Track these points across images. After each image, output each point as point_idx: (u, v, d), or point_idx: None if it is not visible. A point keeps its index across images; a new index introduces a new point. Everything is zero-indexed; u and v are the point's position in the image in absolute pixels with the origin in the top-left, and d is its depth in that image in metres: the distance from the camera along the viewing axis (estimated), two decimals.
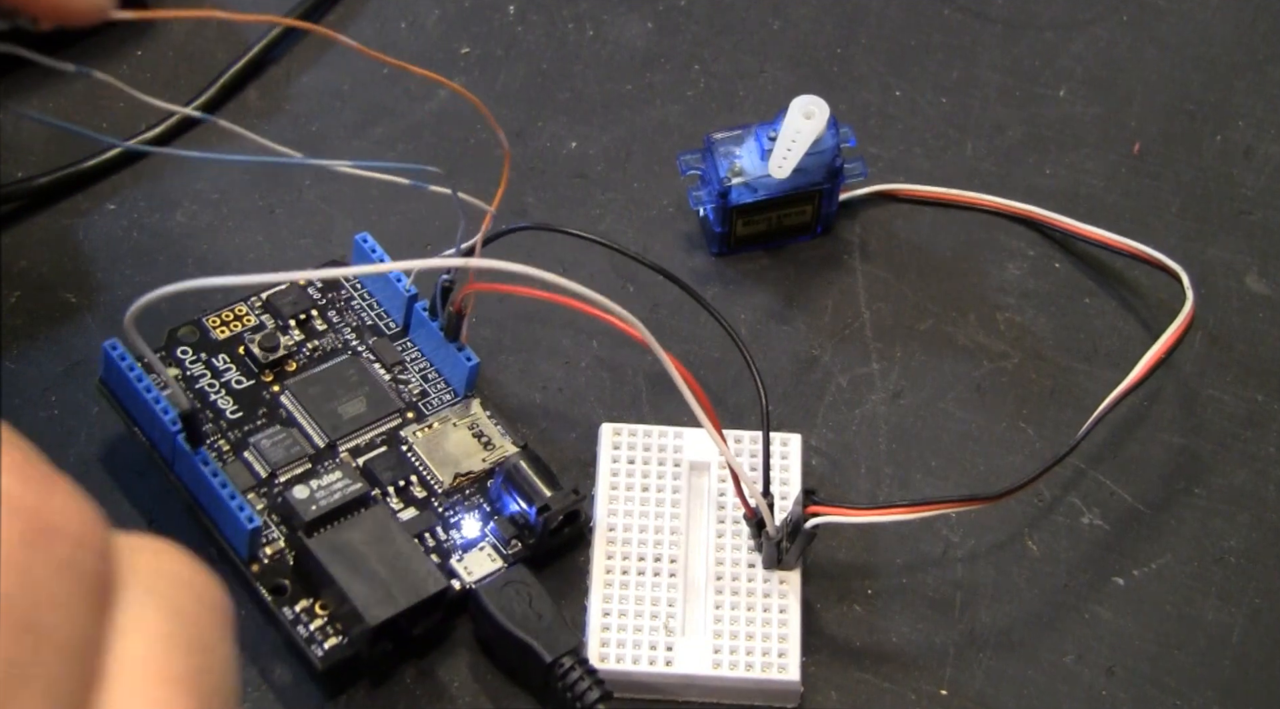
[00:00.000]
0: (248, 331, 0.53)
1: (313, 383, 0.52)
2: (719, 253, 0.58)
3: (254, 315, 0.53)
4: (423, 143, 0.60)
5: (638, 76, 0.63)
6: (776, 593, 0.50)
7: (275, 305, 0.53)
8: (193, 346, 0.52)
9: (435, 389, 0.53)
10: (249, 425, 0.51)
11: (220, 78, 0.61)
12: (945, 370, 0.56)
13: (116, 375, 0.50)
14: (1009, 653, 0.51)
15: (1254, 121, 0.63)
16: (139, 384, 0.49)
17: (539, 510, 0.49)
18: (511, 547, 0.50)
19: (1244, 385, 0.57)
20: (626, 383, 0.55)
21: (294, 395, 0.52)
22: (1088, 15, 0.66)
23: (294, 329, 0.53)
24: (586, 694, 0.47)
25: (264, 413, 0.51)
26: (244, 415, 0.51)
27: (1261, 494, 0.54)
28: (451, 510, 0.50)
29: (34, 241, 0.57)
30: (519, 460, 0.50)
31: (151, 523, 0.51)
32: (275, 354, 0.52)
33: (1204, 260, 0.59)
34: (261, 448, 0.50)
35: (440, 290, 0.52)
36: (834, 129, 0.56)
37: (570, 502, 0.50)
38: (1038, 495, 0.54)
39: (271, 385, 0.52)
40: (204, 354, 0.52)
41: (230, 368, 0.52)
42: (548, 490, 0.49)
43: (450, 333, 0.52)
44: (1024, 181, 0.61)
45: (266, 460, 0.50)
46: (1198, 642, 0.51)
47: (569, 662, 0.47)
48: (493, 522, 0.50)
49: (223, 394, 0.51)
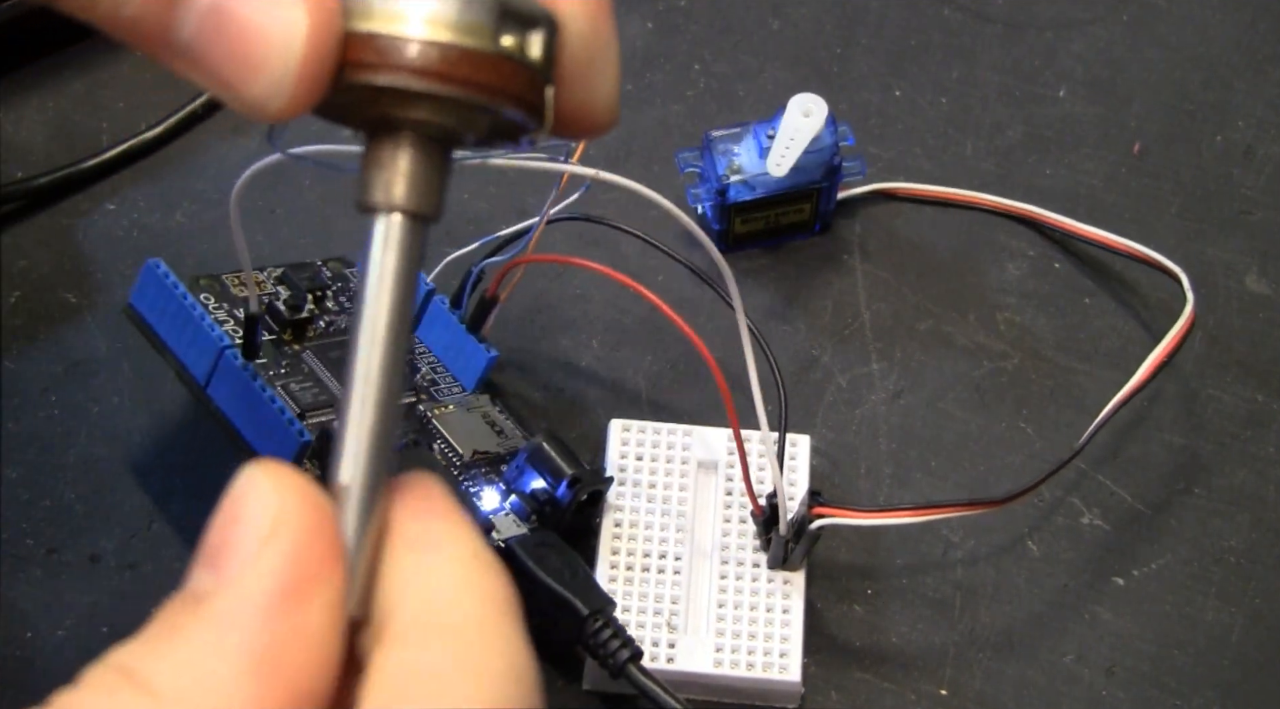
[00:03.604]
0: (268, 294, 0.52)
1: (333, 348, 0.52)
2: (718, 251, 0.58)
3: (269, 284, 0.53)
4: None
5: (638, 76, 0.63)
6: (780, 593, 0.50)
7: (291, 279, 0.53)
8: (216, 295, 0.51)
9: (445, 379, 0.53)
10: (271, 372, 0.50)
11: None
12: (945, 370, 0.56)
13: (155, 294, 0.49)
14: (1009, 653, 0.51)
15: (1254, 121, 0.63)
16: (184, 301, 0.48)
17: (570, 482, 0.49)
18: (530, 522, 0.50)
19: (1244, 385, 0.57)
20: (627, 383, 0.55)
21: (316, 356, 0.51)
22: (1088, 15, 0.66)
23: (310, 303, 0.53)
24: (619, 652, 0.47)
25: (287, 365, 0.51)
26: (268, 362, 0.50)
27: (1261, 494, 0.54)
28: (471, 481, 0.50)
29: (34, 241, 0.57)
30: (543, 441, 0.50)
31: (151, 523, 0.51)
32: (299, 314, 0.52)
33: (1204, 260, 0.59)
34: (291, 390, 0.50)
35: (474, 278, 0.52)
36: (832, 127, 0.56)
37: (599, 480, 0.50)
38: (1038, 496, 0.54)
39: (291, 344, 0.51)
40: (226, 305, 0.51)
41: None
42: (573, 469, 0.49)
43: (475, 323, 0.52)
44: (1024, 181, 0.61)
45: (296, 402, 0.50)
46: (1198, 642, 0.51)
47: (602, 619, 0.47)
48: (512, 496, 0.50)
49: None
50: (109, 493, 0.51)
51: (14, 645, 0.49)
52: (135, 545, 0.51)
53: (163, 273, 0.49)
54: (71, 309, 0.55)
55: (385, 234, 0.28)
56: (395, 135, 0.29)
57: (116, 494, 0.51)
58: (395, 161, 0.29)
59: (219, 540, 0.26)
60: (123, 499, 0.51)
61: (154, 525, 0.51)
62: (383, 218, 0.29)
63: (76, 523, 0.51)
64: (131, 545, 0.51)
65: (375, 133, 0.29)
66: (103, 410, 0.52)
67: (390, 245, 0.28)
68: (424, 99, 0.28)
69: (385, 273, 0.28)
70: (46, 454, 0.52)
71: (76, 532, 0.51)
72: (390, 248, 0.28)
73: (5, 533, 0.50)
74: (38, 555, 0.50)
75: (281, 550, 0.25)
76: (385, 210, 0.29)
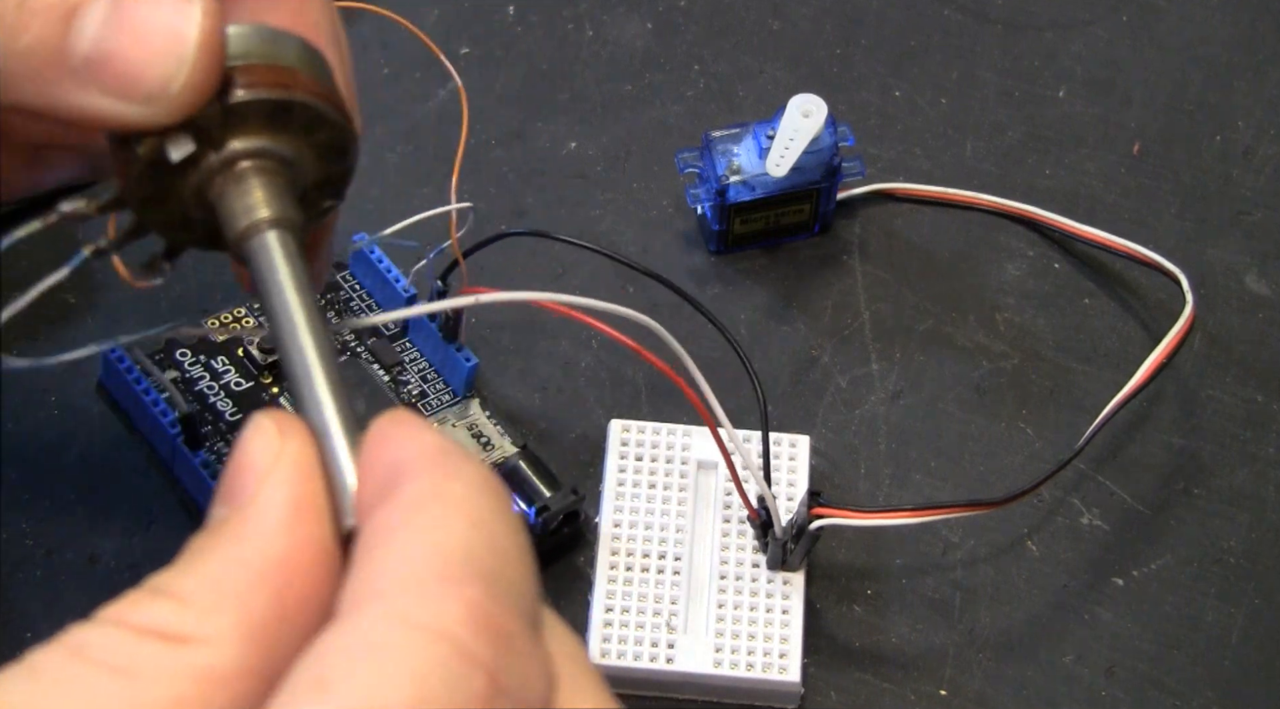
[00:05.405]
0: (247, 332, 0.53)
1: None
2: (717, 251, 0.58)
3: (252, 317, 0.53)
4: (422, 143, 0.60)
5: (637, 77, 0.63)
6: (780, 594, 0.50)
7: None
8: (191, 349, 0.52)
9: (434, 390, 0.53)
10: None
11: None
12: (945, 371, 0.56)
13: (116, 379, 0.50)
14: (1009, 653, 0.51)
15: (1254, 121, 0.63)
16: (138, 388, 0.49)
17: (538, 511, 0.49)
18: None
19: (1244, 386, 0.57)
20: (626, 383, 0.55)
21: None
22: (1088, 15, 0.66)
23: None
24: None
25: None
26: (244, 417, 0.51)
27: (1261, 494, 0.54)
28: None
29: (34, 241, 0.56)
30: (518, 461, 0.50)
31: (151, 524, 0.51)
32: (274, 356, 0.52)
33: (1203, 261, 0.59)
34: None
35: (436, 294, 0.52)
36: (832, 127, 0.56)
37: (569, 502, 0.50)
38: (1038, 496, 0.54)
39: (271, 387, 0.52)
40: (203, 356, 0.52)
41: (229, 369, 0.52)
42: (547, 491, 0.49)
43: (448, 334, 0.52)
44: (1024, 182, 0.61)
45: None
46: (1198, 642, 0.51)
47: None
48: None
49: (221, 396, 0.51)
50: (109, 493, 0.51)
51: (14, 645, 0.49)
52: (135, 546, 0.51)
53: (117, 357, 0.50)
54: (71, 309, 0.55)
55: (265, 245, 0.33)
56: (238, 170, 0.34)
57: (116, 494, 0.51)
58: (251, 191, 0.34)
59: (231, 478, 0.29)
60: (123, 499, 0.51)
61: (154, 526, 0.51)
62: (257, 235, 0.33)
63: (76, 523, 0.51)
64: (131, 546, 0.51)
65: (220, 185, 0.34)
66: (103, 411, 0.52)
67: (273, 251, 0.33)
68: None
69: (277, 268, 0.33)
70: (46, 454, 0.52)
71: (76, 532, 0.51)
72: (268, 253, 0.33)
73: (5, 533, 0.50)
74: (37, 556, 0.50)
75: (286, 476, 0.29)
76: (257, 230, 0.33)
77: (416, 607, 0.27)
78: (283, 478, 0.29)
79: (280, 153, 0.34)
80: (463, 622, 0.26)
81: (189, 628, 0.27)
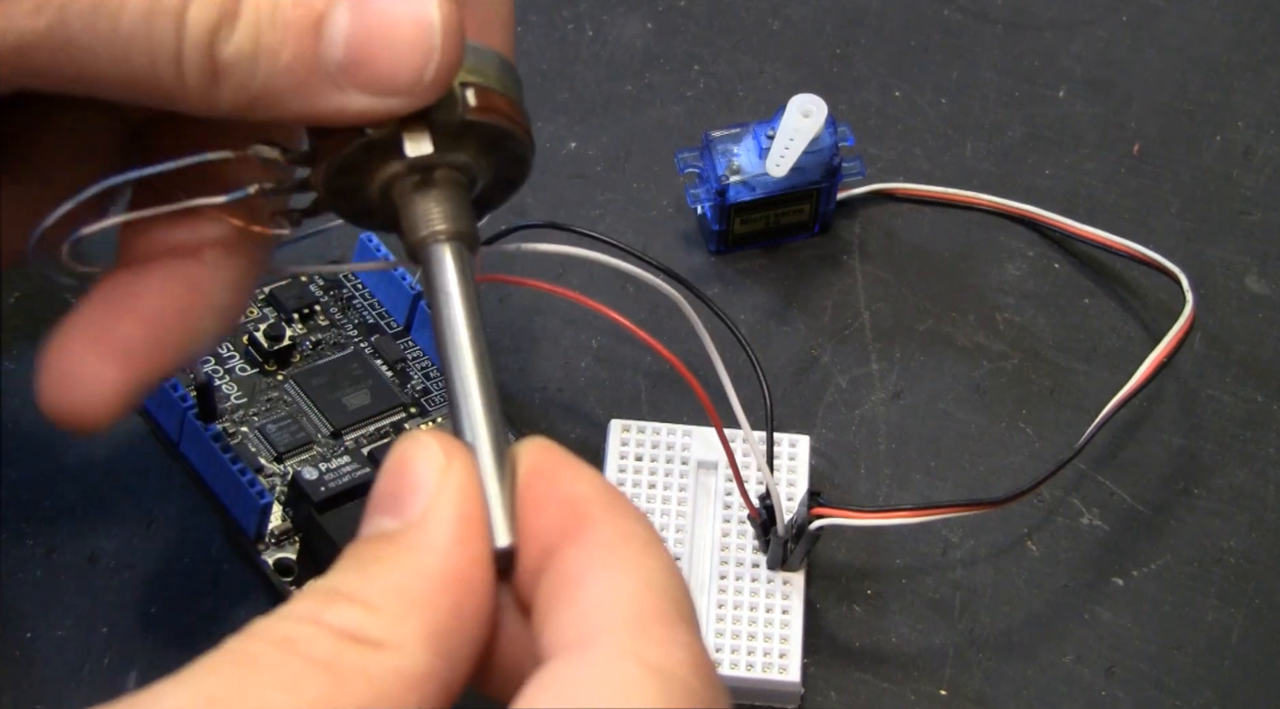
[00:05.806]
0: (251, 322, 0.53)
1: (316, 374, 0.52)
2: (716, 251, 0.58)
3: (256, 308, 0.53)
4: None
5: (637, 76, 0.63)
6: (780, 594, 0.50)
7: (279, 299, 0.53)
8: None
9: (437, 387, 0.53)
10: (253, 409, 0.51)
11: None
12: (945, 370, 0.56)
13: None
14: (1009, 653, 0.51)
15: (1254, 121, 0.63)
16: None
17: None
18: None
19: (1244, 385, 0.57)
20: (626, 382, 0.55)
21: (298, 384, 0.52)
22: (1088, 15, 0.66)
23: (297, 323, 0.53)
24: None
25: (268, 401, 0.51)
26: (247, 401, 0.51)
27: (1261, 494, 0.54)
28: None
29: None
30: None
31: (151, 524, 0.51)
32: (280, 343, 0.52)
33: (1204, 260, 0.59)
34: (267, 432, 0.50)
35: None
36: (832, 128, 0.56)
37: None
38: (1038, 496, 0.54)
39: (275, 374, 0.52)
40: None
41: (234, 355, 0.52)
42: None
43: None
44: (1023, 182, 0.61)
45: (272, 445, 0.50)
46: (1198, 642, 0.51)
47: None
48: None
49: (226, 380, 0.52)
50: (109, 493, 0.51)
51: (14, 645, 0.49)
52: (135, 545, 0.51)
53: None
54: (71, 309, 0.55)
55: (440, 257, 0.34)
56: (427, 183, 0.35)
57: (116, 494, 0.51)
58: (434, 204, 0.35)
59: (392, 490, 0.31)
60: (123, 499, 0.51)
61: (154, 525, 0.51)
62: (433, 246, 0.34)
63: (76, 523, 0.51)
64: (131, 545, 0.51)
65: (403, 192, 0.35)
66: None
67: (447, 264, 0.34)
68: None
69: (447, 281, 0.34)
70: (46, 454, 0.52)
71: (76, 532, 0.51)
72: (446, 265, 0.34)
73: (5, 533, 0.50)
74: (38, 555, 0.50)
75: (453, 496, 0.30)
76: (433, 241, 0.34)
77: (647, 647, 0.28)
78: (451, 497, 0.30)
79: (471, 167, 0.35)
80: (686, 664, 0.28)
81: (380, 633, 0.29)
